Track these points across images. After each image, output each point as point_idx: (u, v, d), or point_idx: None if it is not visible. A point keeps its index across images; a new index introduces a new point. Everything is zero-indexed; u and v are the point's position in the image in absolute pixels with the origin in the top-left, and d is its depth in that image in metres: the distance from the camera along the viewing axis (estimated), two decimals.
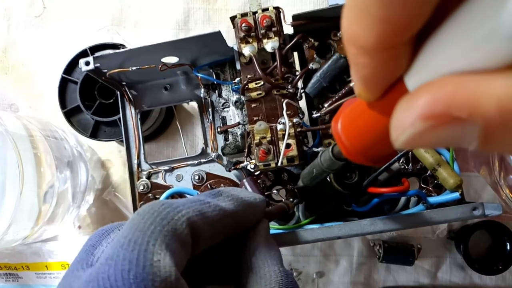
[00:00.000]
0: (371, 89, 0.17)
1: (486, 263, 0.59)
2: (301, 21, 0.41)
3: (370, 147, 0.20)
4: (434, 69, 0.14)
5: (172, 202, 0.24)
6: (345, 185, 0.39)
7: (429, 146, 0.14)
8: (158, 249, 0.20)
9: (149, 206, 0.23)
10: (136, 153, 0.49)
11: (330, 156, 0.30)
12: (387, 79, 0.16)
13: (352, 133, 0.20)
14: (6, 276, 0.64)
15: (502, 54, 0.11)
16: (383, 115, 0.17)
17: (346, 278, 0.62)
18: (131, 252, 0.19)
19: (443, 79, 0.13)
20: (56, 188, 0.52)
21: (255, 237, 0.28)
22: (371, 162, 0.21)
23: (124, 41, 0.63)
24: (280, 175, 0.45)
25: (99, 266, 0.20)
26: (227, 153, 0.47)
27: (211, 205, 0.25)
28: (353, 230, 0.38)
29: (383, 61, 0.15)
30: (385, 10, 0.13)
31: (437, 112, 0.13)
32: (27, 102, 0.66)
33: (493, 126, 0.12)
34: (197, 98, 0.50)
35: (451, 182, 0.40)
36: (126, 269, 0.19)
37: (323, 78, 0.42)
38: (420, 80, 0.15)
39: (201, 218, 0.24)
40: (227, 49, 0.44)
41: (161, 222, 0.21)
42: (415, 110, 0.13)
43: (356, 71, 0.16)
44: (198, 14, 0.65)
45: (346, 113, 0.21)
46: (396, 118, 0.15)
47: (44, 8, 0.67)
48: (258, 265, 0.26)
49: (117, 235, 0.22)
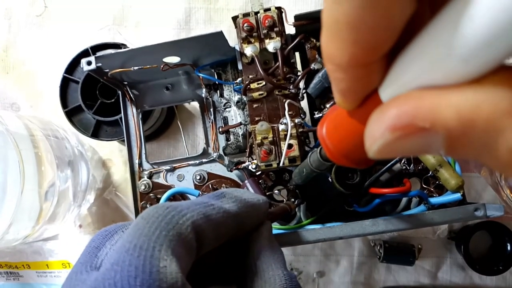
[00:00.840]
0: (348, 100, 0.18)
1: (486, 263, 0.59)
2: (303, 21, 0.41)
3: (351, 150, 0.21)
4: (402, 84, 0.15)
5: (176, 205, 0.23)
6: (347, 185, 0.39)
7: (400, 154, 0.16)
8: (164, 254, 0.20)
9: (154, 209, 0.23)
10: (138, 153, 0.49)
11: (318, 157, 0.31)
12: (362, 91, 0.17)
13: (335, 138, 0.22)
14: (7, 275, 0.64)
15: (458, 73, 0.13)
16: (360, 123, 0.19)
17: (346, 278, 0.62)
18: (137, 258, 0.19)
19: (409, 94, 0.14)
20: (57, 187, 0.52)
21: (258, 239, 0.28)
22: (352, 164, 0.22)
23: (125, 41, 0.63)
24: (281, 175, 0.45)
25: (104, 271, 0.20)
26: (229, 153, 0.47)
27: (215, 208, 0.25)
28: (354, 231, 0.38)
29: (357, 77, 0.16)
30: (354, 35, 0.14)
31: (403, 123, 0.14)
32: (28, 102, 0.66)
33: (454, 134, 0.13)
34: (199, 98, 0.50)
35: (453, 183, 0.40)
36: (133, 275, 0.19)
37: (325, 79, 0.42)
38: (391, 93, 0.16)
39: (206, 221, 0.23)
40: (228, 49, 0.44)
41: (166, 226, 0.21)
42: (384, 122, 0.15)
43: (334, 85, 0.18)
44: (200, 13, 0.65)
45: (330, 118, 0.22)
46: (368, 130, 0.16)
47: (45, 7, 0.67)
48: (262, 269, 0.26)
49: (122, 238, 0.21)
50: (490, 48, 0.12)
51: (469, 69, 0.13)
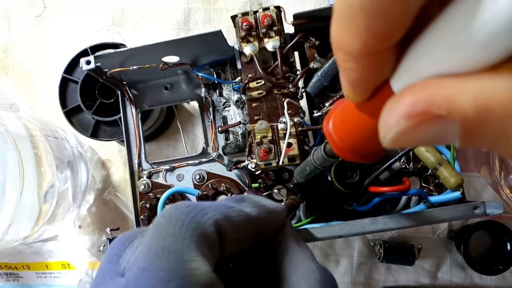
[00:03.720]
0: (358, 91, 0.18)
1: (486, 263, 0.59)
2: (302, 20, 0.41)
3: (359, 145, 0.21)
4: (416, 73, 0.15)
5: (197, 204, 0.23)
6: (346, 184, 0.39)
7: (415, 143, 0.15)
8: (194, 255, 0.20)
9: (175, 207, 0.22)
10: (137, 153, 0.49)
11: (322, 153, 0.31)
12: (373, 82, 0.17)
13: (342, 132, 0.21)
14: (6, 276, 0.64)
15: (476, 60, 0.13)
16: (370, 116, 0.19)
17: (346, 278, 0.62)
18: (167, 261, 0.19)
19: (424, 82, 0.14)
20: (56, 188, 0.52)
21: (284, 238, 0.28)
22: (360, 159, 0.22)
23: (124, 41, 0.63)
24: (281, 175, 0.45)
25: (134, 277, 0.19)
26: (228, 152, 0.46)
27: (235, 210, 0.25)
28: (354, 229, 0.38)
29: (369, 66, 0.16)
30: (368, 21, 0.14)
31: (418, 111, 0.14)
32: (28, 102, 0.66)
33: (471, 122, 0.13)
34: (198, 97, 0.50)
35: (452, 181, 0.40)
36: (166, 279, 0.18)
37: (324, 77, 0.42)
38: (404, 83, 0.16)
39: (227, 222, 0.23)
40: (228, 48, 0.44)
41: (189, 225, 0.21)
42: (399, 110, 0.14)
43: (344, 75, 0.17)
44: (199, 14, 0.65)
45: (337, 113, 0.22)
46: (382, 118, 0.15)
47: (44, 8, 0.67)
48: (295, 265, 0.25)
49: (146, 240, 0.21)
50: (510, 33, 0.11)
51: (487, 55, 0.12)
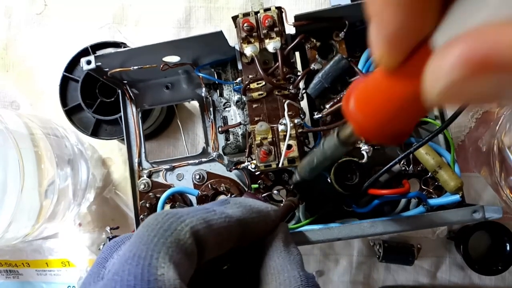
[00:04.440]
0: (395, 50, 0.16)
1: (485, 263, 0.59)
2: (303, 21, 0.41)
3: (389, 120, 0.19)
4: (471, 20, 0.13)
5: (176, 212, 0.23)
6: (346, 186, 0.39)
7: (466, 98, 0.13)
8: (162, 262, 0.20)
9: (154, 217, 0.23)
10: (137, 152, 0.49)
11: (335, 141, 0.28)
12: (414, 38, 0.15)
13: (369, 108, 0.19)
14: (6, 273, 0.64)
15: None
16: (405, 83, 0.17)
17: (345, 277, 0.62)
18: (136, 266, 0.20)
19: (485, 26, 0.12)
20: (56, 186, 0.52)
21: (273, 242, 0.28)
22: (386, 139, 0.20)
23: (125, 39, 0.63)
24: (280, 176, 0.45)
25: (106, 282, 0.20)
26: (228, 152, 0.47)
27: (216, 213, 0.25)
28: (353, 232, 0.38)
29: (412, 14, 0.14)
30: None
31: (478, 57, 0.12)
32: (28, 100, 0.66)
33: None
34: (199, 97, 0.50)
35: (452, 184, 0.40)
36: (132, 284, 0.19)
37: (324, 79, 0.42)
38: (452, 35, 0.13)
39: (206, 227, 0.23)
40: (228, 49, 0.44)
41: (164, 233, 0.21)
42: (453, 56, 0.12)
43: (379, 30, 0.15)
44: (200, 12, 0.65)
45: (359, 89, 0.20)
46: (431, 67, 0.14)
47: (45, 5, 0.66)
48: (277, 271, 0.25)
49: (124, 248, 0.22)
50: None
51: None
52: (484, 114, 0.63)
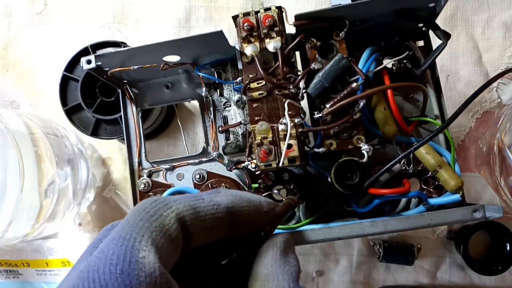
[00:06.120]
0: None
1: (485, 263, 0.59)
2: (303, 21, 0.41)
3: None
4: None
5: (164, 198, 0.24)
6: (346, 185, 0.39)
7: None
8: (144, 245, 0.21)
9: (143, 203, 0.24)
10: (137, 151, 0.49)
11: None
12: None
13: None
14: (6, 273, 0.64)
15: None
16: None
17: (345, 277, 0.62)
18: (120, 247, 0.21)
19: None
20: (56, 185, 0.52)
21: (270, 248, 0.27)
22: None
23: (125, 39, 0.63)
24: (281, 175, 0.45)
25: (92, 258, 0.21)
26: (228, 152, 0.46)
27: (204, 200, 0.25)
28: (353, 231, 0.38)
29: None
30: None
31: None
32: (28, 99, 0.66)
33: None
34: (199, 97, 0.50)
35: (452, 184, 0.40)
36: (114, 263, 0.20)
37: (325, 79, 0.42)
38: None
39: (192, 213, 0.24)
40: (229, 48, 0.44)
41: (149, 218, 0.22)
42: None
43: None
44: (200, 12, 0.65)
45: None
46: None
47: (45, 5, 0.66)
48: (268, 279, 0.25)
49: (113, 230, 0.23)
50: None
51: None
52: (484, 114, 0.63)
